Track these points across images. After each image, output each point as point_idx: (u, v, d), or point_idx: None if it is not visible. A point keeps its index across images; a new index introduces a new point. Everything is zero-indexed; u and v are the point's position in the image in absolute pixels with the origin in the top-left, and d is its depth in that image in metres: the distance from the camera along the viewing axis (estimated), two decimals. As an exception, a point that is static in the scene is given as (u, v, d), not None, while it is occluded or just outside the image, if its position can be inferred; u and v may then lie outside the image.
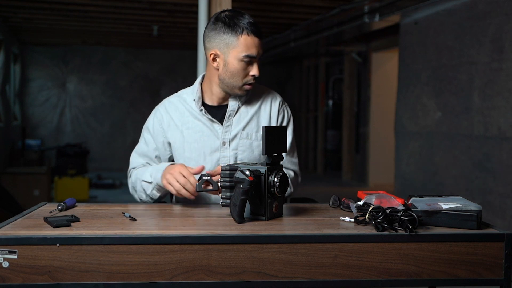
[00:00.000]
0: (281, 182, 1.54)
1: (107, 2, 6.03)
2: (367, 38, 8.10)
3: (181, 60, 10.38)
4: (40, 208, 1.69)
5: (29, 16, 7.09)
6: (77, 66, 10.18)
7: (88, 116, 10.25)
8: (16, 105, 9.24)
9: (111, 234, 1.34)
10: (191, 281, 1.33)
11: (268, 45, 8.72)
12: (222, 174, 1.58)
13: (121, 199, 7.16)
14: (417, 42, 6.01)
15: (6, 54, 7.84)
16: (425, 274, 1.38)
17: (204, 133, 1.89)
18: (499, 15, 4.60)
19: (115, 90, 10.37)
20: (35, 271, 1.29)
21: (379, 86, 8.37)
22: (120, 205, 1.77)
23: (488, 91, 4.75)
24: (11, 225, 1.43)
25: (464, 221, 1.44)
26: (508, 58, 4.49)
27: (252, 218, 1.55)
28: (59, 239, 1.30)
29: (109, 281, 1.31)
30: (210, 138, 1.88)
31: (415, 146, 6.07)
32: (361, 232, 1.40)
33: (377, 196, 1.56)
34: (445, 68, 5.43)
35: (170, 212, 1.68)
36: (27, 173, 6.40)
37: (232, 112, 1.90)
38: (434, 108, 5.66)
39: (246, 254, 1.34)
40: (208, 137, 1.88)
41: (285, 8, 6.24)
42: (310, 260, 1.35)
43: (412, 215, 1.40)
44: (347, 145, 9.30)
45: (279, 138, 1.59)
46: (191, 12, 6.25)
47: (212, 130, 1.89)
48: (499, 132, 4.59)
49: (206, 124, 1.90)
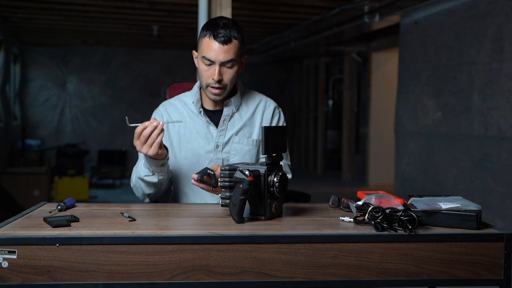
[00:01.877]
0: (281, 182, 1.54)
1: (107, 2, 6.03)
2: (367, 38, 8.10)
3: (181, 60, 10.38)
4: (40, 208, 1.69)
5: (29, 16, 7.09)
6: (77, 66, 10.18)
7: (88, 116, 10.25)
8: (16, 105, 9.23)
9: (110, 234, 1.34)
10: (190, 281, 1.33)
11: (268, 45, 8.72)
12: (221, 174, 1.59)
13: (121, 199, 7.16)
14: (417, 42, 6.01)
15: (6, 54, 7.84)
16: (425, 274, 1.38)
17: (200, 135, 1.95)
18: (499, 15, 4.60)
19: (115, 90, 10.36)
20: (34, 271, 1.29)
21: (379, 86, 8.37)
22: (120, 205, 1.77)
23: (488, 91, 4.75)
24: (11, 225, 1.43)
25: (464, 221, 1.44)
26: (508, 58, 4.49)
27: (252, 218, 1.55)
28: (58, 239, 1.30)
29: (109, 281, 1.31)
30: (205, 140, 1.95)
31: (415, 146, 6.07)
32: (360, 232, 1.40)
33: (377, 196, 1.56)
34: (445, 68, 5.43)
35: (169, 212, 1.68)
36: (27, 173, 6.40)
37: (227, 117, 1.97)
38: (434, 108, 5.66)
39: (245, 254, 1.34)
40: (203, 139, 1.95)
41: (285, 8, 6.24)
42: (310, 260, 1.35)
43: (411, 215, 1.40)
44: (347, 145, 9.30)
45: (279, 138, 1.59)
46: (191, 12, 6.25)
47: (207, 132, 1.96)
48: (499, 132, 4.59)
49: (203, 126, 1.96)
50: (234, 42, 1.84)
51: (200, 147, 1.95)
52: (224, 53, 1.83)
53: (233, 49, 1.84)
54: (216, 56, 1.83)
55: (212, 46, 1.83)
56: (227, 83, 1.88)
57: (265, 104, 2.04)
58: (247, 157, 1.97)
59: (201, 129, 1.96)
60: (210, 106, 1.98)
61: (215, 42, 1.82)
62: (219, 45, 1.82)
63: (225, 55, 1.83)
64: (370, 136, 8.47)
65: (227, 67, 1.86)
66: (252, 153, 1.96)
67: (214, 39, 1.82)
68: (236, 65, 1.88)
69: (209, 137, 1.96)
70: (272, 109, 2.04)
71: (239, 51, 1.87)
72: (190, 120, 1.97)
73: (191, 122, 1.97)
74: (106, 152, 10.01)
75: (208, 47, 1.83)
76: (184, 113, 1.99)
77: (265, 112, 2.03)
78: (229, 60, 1.84)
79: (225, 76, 1.87)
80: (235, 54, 1.85)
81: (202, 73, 1.88)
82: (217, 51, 1.82)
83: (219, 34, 1.82)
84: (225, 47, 1.83)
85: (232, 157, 1.95)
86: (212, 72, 1.85)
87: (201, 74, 1.89)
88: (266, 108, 2.04)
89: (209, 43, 1.83)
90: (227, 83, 1.88)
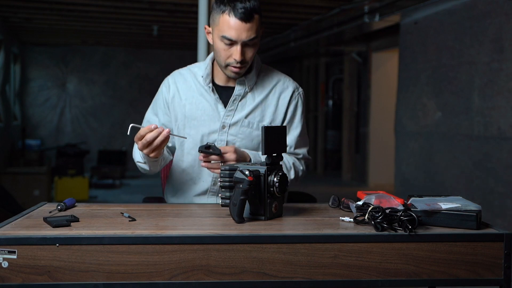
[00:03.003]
0: (281, 182, 1.54)
1: (107, 2, 6.03)
2: (367, 38, 8.10)
3: (181, 60, 10.34)
4: (40, 208, 1.68)
5: (29, 16, 7.09)
6: (77, 66, 10.18)
7: (88, 116, 10.25)
8: (16, 105, 9.24)
9: (110, 234, 1.34)
10: (190, 281, 1.32)
11: (268, 45, 8.72)
12: (221, 174, 1.59)
13: (121, 199, 7.16)
14: (417, 42, 6.01)
15: (6, 54, 7.85)
16: (425, 274, 1.38)
17: (206, 112, 1.84)
18: (499, 15, 4.60)
19: (115, 90, 10.37)
20: (34, 271, 1.29)
21: (379, 86, 8.37)
22: (120, 205, 1.76)
23: (488, 91, 4.75)
24: (11, 225, 1.43)
25: (464, 221, 1.44)
26: (508, 58, 4.49)
27: (252, 218, 1.55)
28: (58, 239, 1.30)
29: (109, 281, 1.31)
30: (211, 118, 1.84)
31: (415, 146, 6.07)
32: (360, 232, 1.39)
33: (377, 196, 1.56)
34: (445, 68, 5.43)
35: (169, 212, 1.68)
36: (27, 173, 6.40)
37: (238, 96, 1.83)
38: (434, 108, 5.66)
39: (245, 254, 1.34)
40: (209, 116, 1.84)
41: (285, 8, 6.24)
42: (310, 260, 1.35)
43: (411, 215, 1.39)
44: (347, 145, 9.30)
45: (279, 138, 1.59)
46: (191, 12, 6.25)
47: (215, 110, 1.84)
48: (499, 132, 4.59)
49: (210, 103, 1.84)
50: (256, 17, 1.69)
51: (205, 125, 1.84)
52: (247, 31, 1.67)
53: (255, 26, 1.69)
54: (238, 36, 1.67)
55: (233, 24, 1.66)
56: (248, 61, 1.76)
57: (283, 85, 1.89)
58: (255, 142, 1.85)
59: (208, 106, 1.83)
60: (221, 81, 1.85)
61: (235, 19, 1.66)
62: (240, 23, 1.66)
63: (248, 34, 1.68)
64: (370, 136, 8.47)
65: (249, 45, 1.72)
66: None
67: (234, 16, 1.66)
68: (258, 41, 1.74)
69: (216, 116, 1.83)
70: (290, 91, 1.88)
71: (260, 26, 1.72)
72: (198, 94, 1.85)
73: (198, 97, 1.85)
74: (106, 152, 10.01)
75: (227, 25, 1.67)
76: (193, 86, 1.86)
77: (282, 94, 1.87)
78: (252, 38, 1.70)
79: (247, 54, 1.73)
80: (257, 30, 1.70)
81: (221, 53, 1.73)
82: (239, 30, 1.67)
83: (240, 10, 1.65)
84: (248, 25, 1.67)
85: (240, 140, 1.83)
86: (233, 52, 1.71)
87: (219, 53, 1.74)
88: (283, 90, 1.88)
89: (228, 20, 1.67)
90: (248, 61, 1.75)
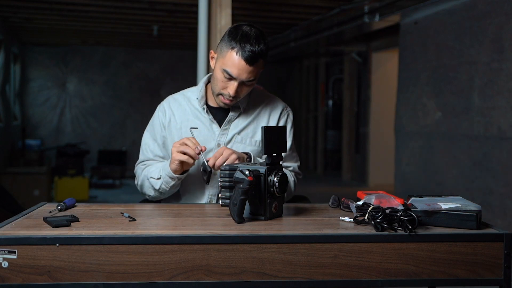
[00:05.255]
0: (281, 182, 1.54)
1: (107, 2, 6.03)
2: (367, 38, 8.10)
3: (181, 60, 10.38)
4: (40, 208, 1.69)
5: (29, 16, 7.09)
6: (77, 66, 10.17)
7: (88, 116, 10.24)
8: (16, 105, 9.23)
9: (110, 234, 1.34)
10: (190, 281, 1.33)
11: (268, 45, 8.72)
12: (221, 174, 1.59)
13: (121, 199, 7.16)
14: (417, 42, 6.01)
15: (6, 54, 7.84)
16: (425, 274, 1.38)
17: (202, 133, 1.91)
18: (499, 15, 4.60)
19: (115, 90, 10.36)
20: (34, 271, 1.29)
21: (379, 86, 8.37)
22: (120, 205, 1.77)
23: (488, 91, 4.75)
24: (11, 225, 1.43)
25: (464, 221, 1.44)
26: (508, 58, 4.49)
27: (252, 218, 1.55)
28: (58, 239, 1.30)
29: (109, 281, 1.31)
30: (206, 138, 1.91)
31: (415, 146, 6.07)
32: (360, 232, 1.40)
33: (377, 196, 1.56)
34: (445, 68, 5.43)
35: (169, 212, 1.68)
36: (27, 173, 6.40)
37: (233, 117, 1.92)
38: (434, 108, 5.66)
39: (245, 254, 1.34)
40: (205, 137, 1.90)
41: (285, 8, 6.24)
42: (310, 260, 1.35)
43: (411, 215, 1.39)
44: (347, 145, 9.30)
45: (279, 138, 1.59)
46: (191, 12, 6.25)
47: (210, 130, 1.92)
48: (499, 132, 4.59)
49: (205, 124, 1.92)
50: (260, 62, 1.76)
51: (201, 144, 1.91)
52: (248, 73, 1.75)
53: (257, 69, 1.77)
54: (239, 75, 1.75)
55: (237, 63, 1.73)
56: (240, 97, 1.84)
57: (273, 104, 1.98)
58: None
59: (203, 127, 1.91)
60: (214, 103, 1.92)
61: (241, 59, 1.73)
62: (244, 64, 1.73)
63: (248, 75, 1.76)
64: (370, 136, 8.47)
65: (246, 84, 1.80)
66: (255, 154, 1.89)
67: (240, 56, 1.72)
68: (255, 82, 1.81)
69: (211, 135, 1.91)
70: (279, 110, 1.98)
71: (262, 68, 1.80)
72: (193, 117, 1.93)
73: (193, 120, 1.93)
74: (106, 152, 10.02)
75: (232, 62, 1.74)
76: (187, 109, 1.94)
77: (272, 112, 1.97)
78: (250, 79, 1.77)
79: (242, 92, 1.81)
80: (257, 73, 1.79)
81: (218, 82, 1.80)
82: (241, 69, 1.74)
83: (247, 52, 1.72)
84: (250, 68, 1.74)
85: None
86: (229, 86, 1.78)
87: (217, 82, 1.81)
88: (274, 108, 1.98)
89: (234, 58, 1.73)
90: (240, 97, 1.84)
